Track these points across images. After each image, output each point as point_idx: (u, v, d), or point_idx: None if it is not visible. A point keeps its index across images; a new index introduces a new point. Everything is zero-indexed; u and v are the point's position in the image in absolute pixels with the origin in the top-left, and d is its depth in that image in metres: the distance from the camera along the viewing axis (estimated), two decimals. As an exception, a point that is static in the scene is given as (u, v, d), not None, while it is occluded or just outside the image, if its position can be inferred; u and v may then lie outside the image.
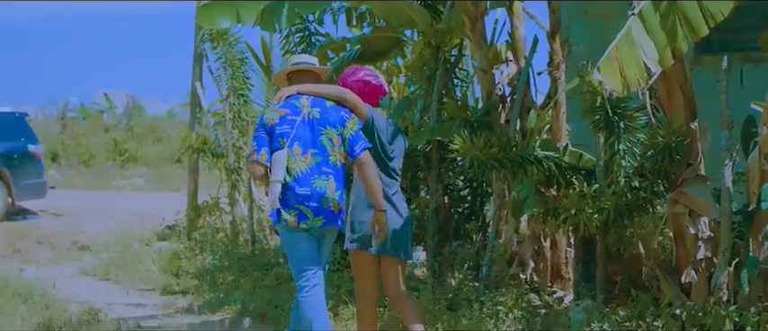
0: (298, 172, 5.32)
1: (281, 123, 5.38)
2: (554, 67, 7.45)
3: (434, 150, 7.73)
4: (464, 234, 8.08)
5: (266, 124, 5.41)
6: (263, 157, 5.37)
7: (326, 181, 5.36)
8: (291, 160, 5.33)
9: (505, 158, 6.25)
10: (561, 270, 7.57)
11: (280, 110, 5.43)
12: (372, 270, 5.59)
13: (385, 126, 5.60)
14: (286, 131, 5.36)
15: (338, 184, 5.42)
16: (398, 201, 5.62)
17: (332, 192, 5.36)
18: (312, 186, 5.31)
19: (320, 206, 5.32)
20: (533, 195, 6.57)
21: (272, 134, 5.38)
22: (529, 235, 7.52)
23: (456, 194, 8.25)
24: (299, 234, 5.37)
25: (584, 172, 6.60)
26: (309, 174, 5.34)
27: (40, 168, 15.85)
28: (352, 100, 5.45)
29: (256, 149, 5.39)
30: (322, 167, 5.37)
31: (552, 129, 7.49)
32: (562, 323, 5.91)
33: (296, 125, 5.37)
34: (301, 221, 5.30)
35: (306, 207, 5.30)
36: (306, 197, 5.30)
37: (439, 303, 6.52)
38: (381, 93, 5.76)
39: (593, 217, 6.11)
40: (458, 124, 7.07)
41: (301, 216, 5.30)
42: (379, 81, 5.73)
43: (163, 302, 8.22)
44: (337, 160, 5.43)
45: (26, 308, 7.22)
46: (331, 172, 5.39)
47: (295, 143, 5.35)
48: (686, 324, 5.62)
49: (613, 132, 6.12)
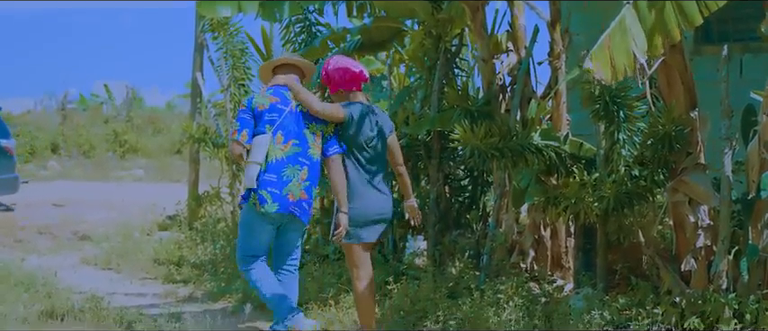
0: (273, 159, 5.64)
1: (270, 110, 5.69)
2: (554, 56, 7.47)
3: (435, 140, 7.76)
4: (464, 223, 8.11)
5: (255, 108, 5.70)
6: (244, 138, 5.65)
7: (299, 171, 5.68)
8: (271, 147, 5.63)
9: (506, 147, 6.28)
10: (561, 259, 7.60)
11: (270, 97, 5.73)
12: (368, 256, 5.89)
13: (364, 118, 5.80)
14: (273, 119, 5.67)
15: (309, 176, 5.73)
16: (382, 187, 5.90)
17: (299, 181, 5.67)
18: (280, 174, 5.63)
19: (280, 193, 5.62)
20: (534, 184, 6.60)
21: (259, 119, 5.68)
22: (529, 224, 7.55)
23: (456, 184, 8.28)
24: (259, 219, 5.71)
25: (585, 161, 6.64)
26: (283, 163, 5.65)
27: (11, 163, 15.39)
28: (321, 111, 5.73)
29: (238, 130, 5.67)
30: (299, 158, 5.70)
31: (552, 118, 7.52)
32: (562, 311, 5.94)
33: (283, 114, 5.68)
34: (261, 205, 5.61)
35: (266, 192, 5.61)
36: (270, 183, 5.62)
37: (439, 291, 6.55)
38: (362, 80, 5.92)
39: (594, 205, 6.15)
40: (458, 114, 7.10)
41: (261, 200, 5.61)
42: (358, 69, 5.89)
43: (164, 291, 8.25)
44: (315, 154, 5.75)
45: (28, 297, 7.25)
46: (307, 163, 5.72)
47: (279, 131, 5.67)
48: (686, 311, 5.66)
49: (613, 121, 6.15)
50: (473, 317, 5.98)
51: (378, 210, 5.86)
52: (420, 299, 6.54)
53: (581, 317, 5.73)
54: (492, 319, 5.87)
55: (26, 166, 24.25)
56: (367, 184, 5.82)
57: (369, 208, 5.81)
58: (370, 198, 5.81)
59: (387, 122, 6.03)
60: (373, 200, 5.83)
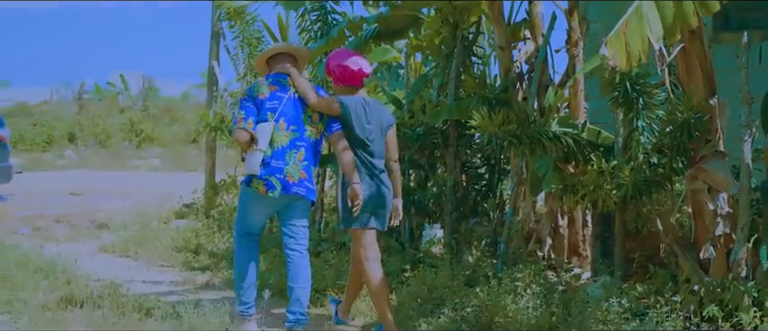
0: (278, 146, 5.84)
1: (270, 98, 5.88)
2: (572, 44, 7.45)
3: (452, 128, 7.76)
4: (481, 211, 8.11)
5: (256, 97, 5.90)
6: (250, 126, 5.83)
7: (296, 153, 5.88)
8: (275, 134, 5.83)
9: (524, 134, 6.27)
10: (578, 247, 7.60)
11: (270, 85, 5.93)
12: (375, 241, 6.04)
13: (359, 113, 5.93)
14: (275, 107, 5.86)
15: (306, 156, 5.92)
16: (384, 179, 6.02)
17: (296, 163, 5.87)
18: (285, 159, 5.83)
19: (282, 177, 5.82)
20: (552, 172, 6.60)
21: (260, 107, 5.87)
22: (546, 212, 7.55)
23: (473, 172, 8.27)
24: (261, 203, 5.92)
25: (603, 149, 6.62)
26: (286, 148, 5.85)
27: (5, 152, 15.19)
28: (315, 104, 5.90)
29: (244, 118, 5.85)
30: (296, 141, 5.89)
31: (570, 106, 7.51)
32: (580, 299, 5.92)
33: (283, 102, 5.89)
34: (269, 191, 5.81)
35: (275, 178, 5.81)
36: (278, 169, 5.81)
37: (456, 279, 6.55)
38: (361, 77, 6.05)
39: (612, 193, 6.13)
40: (476, 101, 7.09)
41: (269, 186, 5.81)
42: (357, 66, 6.01)
43: (182, 279, 8.28)
44: (312, 134, 5.96)
45: (48, 284, 7.28)
46: (303, 145, 5.91)
47: (281, 118, 5.87)
48: (704, 299, 5.64)
49: (632, 109, 6.14)
50: (490, 304, 5.97)
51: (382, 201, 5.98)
52: (437, 287, 6.54)
53: (599, 305, 5.71)
54: (509, 307, 5.86)
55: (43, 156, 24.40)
56: (371, 177, 5.94)
57: (374, 197, 5.93)
58: (374, 188, 5.93)
59: (387, 117, 6.15)
60: (377, 190, 5.94)
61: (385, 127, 6.08)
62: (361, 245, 5.98)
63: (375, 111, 6.06)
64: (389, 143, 6.13)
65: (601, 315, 5.61)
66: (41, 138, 25.73)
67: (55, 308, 6.45)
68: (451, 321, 6.00)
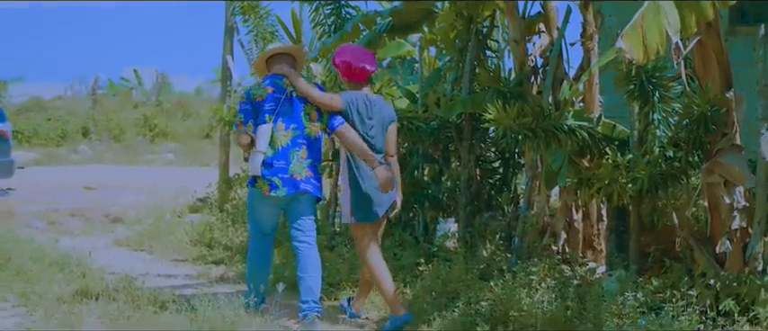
0: (279, 146, 6.02)
1: (268, 100, 6.04)
2: (587, 37, 7.42)
3: (466, 122, 7.74)
4: (496, 205, 8.09)
5: (254, 100, 6.07)
6: (250, 128, 6.02)
7: (298, 151, 6.05)
8: (275, 135, 6.01)
9: (539, 128, 6.25)
10: (593, 241, 7.57)
11: (266, 87, 6.09)
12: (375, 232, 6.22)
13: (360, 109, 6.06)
14: (272, 108, 6.03)
15: (309, 154, 6.10)
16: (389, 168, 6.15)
17: (301, 160, 6.04)
18: (287, 159, 6.01)
19: (285, 176, 6.00)
20: (567, 165, 6.57)
21: (259, 109, 6.04)
22: (561, 206, 7.52)
23: (487, 166, 8.25)
24: (267, 202, 6.12)
25: (618, 142, 6.59)
26: (288, 148, 6.03)
27: (6, 147, 15.19)
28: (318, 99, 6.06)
29: (244, 121, 6.06)
30: (298, 140, 6.06)
31: (585, 100, 7.48)
32: (595, 293, 5.89)
33: (281, 102, 6.05)
34: (272, 190, 6.02)
35: (278, 178, 6.00)
36: (280, 169, 6.00)
37: (471, 273, 6.54)
38: (366, 73, 6.17)
39: (627, 187, 6.10)
40: (491, 95, 7.06)
41: (273, 186, 6.01)
42: (360, 63, 6.12)
43: (197, 272, 8.31)
44: (312, 132, 6.12)
45: (63, 277, 7.32)
46: (305, 143, 6.09)
47: (279, 120, 6.04)
48: (720, 294, 5.60)
49: (648, 102, 6.10)
50: (505, 298, 5.95)
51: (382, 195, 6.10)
52: (451, 281, 6.53)
53: (614, 299, 5.68)
54: (524, 301, 5.84)
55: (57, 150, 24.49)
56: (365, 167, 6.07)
57: (374, 192, 6.08)
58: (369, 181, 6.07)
59: (389, 113, 6.27)
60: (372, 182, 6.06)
61: (386, 123, 6.19)
62: (362, 238, 6.16)
63: (378, 107, 6.17)
64: (389, 138, 6.23)
65: (616, 309, 5.58)
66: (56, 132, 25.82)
67: (70, 301, 6.47)
68: (466, 315, 5.99)
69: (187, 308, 5.96)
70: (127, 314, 5.96)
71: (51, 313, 6.12)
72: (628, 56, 5.02)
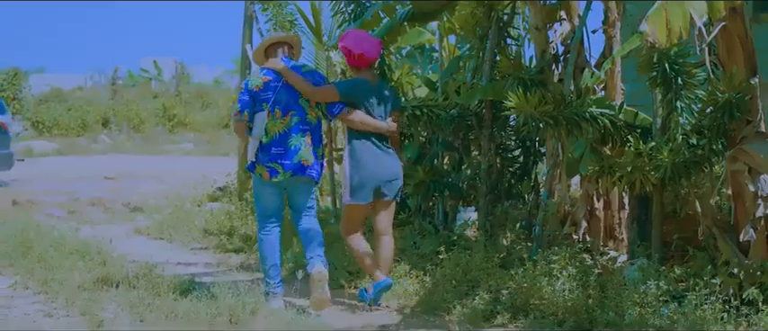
0: (276, 133, 6.22)
1: (264, 89, 6.27)
2: (608, 25, 7.36)
3: (487, 110, 7.68)
4: (516, 194, 8.04)
5: (251, 89, 6.30)
6: (246, 117, 6.28)
7: (303, 137, 6.26)
8: (271, 123, 6.22)
9: (560, 115, 6.20)
10: (614, 230, 7.51)
11: (263, 77, 6.32)
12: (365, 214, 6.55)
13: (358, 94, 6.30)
14: (268, 97, 6.25)
15: (314, 139, 6.33)
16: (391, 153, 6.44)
17: (307, 146, 6.26)
18: (287, 145, 6.22)
19: (291, 162, 6.22)
20: (589, 153, 6.51)
21: (256, 98, 6.27)
22: (582, 194, 7.47)
23: (508, 154, 8.20)
24: (269, 187, 6.32)
25: (640, 130, 6.52)
26: (286, 135, 6.24)
27: (6, 139, 15.13)
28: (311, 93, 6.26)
29: (241, 110, 6.30)
30: (300, 126, 6.27)
31: (607, 88, 7.41)
32: (617, 282, 5.85)
33: (277, 91, 6.25)
34: (273, 176, 6.24)
35: (278, 164, 6.22)
36: (279, 155, 6.22)
37: (491, 261, 6.50)
38: (368, 60, 6.38)
39: (650, 175, 6.05)
40: (511, 82, 7.00)
41: (273, 171, 6.23)
42: (361, 50, 6.31)
43: (216, 260, 8.32)
44: (314, 118, 6.36)
45: (83, 265, 7.34)
46: (308, 129, 6.30)
47: (276, 107, 6.24)
48: (744, 282, 5.57)
49: (671, 89, 6.03)
50: (526, 287, 5.92)
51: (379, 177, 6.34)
52: (472, 269, 6.50)
53: (636, 288, 5.63)
54: (545, 289, 5.80)
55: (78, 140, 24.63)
56: (369, 154, 6.32)
57: (367, 174, 6.31)
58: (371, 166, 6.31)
59: (392, 98, 6.54)
60: (374, 167, 6.32)
61: (390, 107, 6.44)
62: (350, 218, 6.46)
63: (379, 91, 6.40)
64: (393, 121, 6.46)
65: (638, 298, 5.54)
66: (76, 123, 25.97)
67: (91, 289, 6.49)
68: (486, 303, 5.96)
69: (207, 295, 5.97)
70: (147, 301, 5.96)
71: (72, 300, 6.13)
72: (650, 39, 4.96)
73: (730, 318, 5.29)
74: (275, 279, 6.30)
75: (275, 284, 6.29)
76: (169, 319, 5.64)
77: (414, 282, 6.69)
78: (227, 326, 5.50)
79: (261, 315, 5.73)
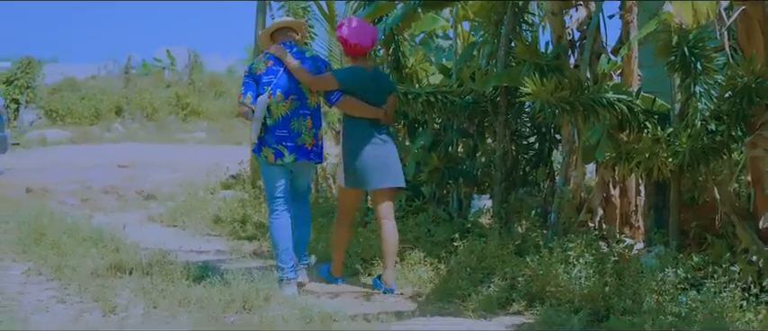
0: (278, 116, 6.36)
1: (266, 73, 6.41)
2: (625, 10, 7.27)
3: (502, 96, 7.61)
4: (531, 181, 7.97)
5: (254, 73, 6.44)
6: (249, 100, 6.38)
7: (304, 121, 6.42)
8: (273, 105, 6.35)
9: (577, 101, 6.11)
10: (630, 218, 7.44)
11: (266, 61, 6.45)
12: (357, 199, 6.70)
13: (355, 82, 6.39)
14: (270, 80, 6.38)
15: (314, 123, 6.49)
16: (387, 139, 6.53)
17: (307, 130, 6.42)
18: (289, 128, 6.36)
19: (295, 145, 6.37)
20: (605, 139, 6.43)
21: (258, 81, 6.40)
22: (598, 181, 7.40)
23: (523, 141, 8.13)
24: (275, 168, 6.42)
25: (658, 116, 6.44)
26: (288, 118, 6.37)
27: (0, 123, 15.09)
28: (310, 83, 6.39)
29: (243, 93, 6.43)
30: (300, 110, 6.42)
31: (623, 73, 7.33)
32: (634, 269, 5.77)
33: (279, 75, 6.39)
34: (278, 158, 6.37)
35: (282, 146, 6.35)
36: (283, 137, 6.35)
37: (507, 248, 6.44)
38: (363, 49, 6.46)
39: (668, 161, 5.96)
40: (527, 68, 6.92)
41: (278, 154, 6.36)
42: (357, 40, 6.41)
43: (230, 248, 8.29)
44: (314, 102, 6.50)
45: (97, 251, 7.32)
46: (309, 113, 6.46)
47: (278, 91, 6.37)
48: (763, 270, 5.48)
49: (690, 73, 5.92)
50: (542, 274, 5.86)
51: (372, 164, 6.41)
52: (486, 257, 6.44)
53: (653, 276, 5.56)
54: (561, 276, 5.74)
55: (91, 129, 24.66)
56: (361, 138, 6.41)
57: (361, 160, 6.39)
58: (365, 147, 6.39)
59: (388, 84, 6.69)
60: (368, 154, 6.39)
61: (386, 92, 6.55)
62: (343, 202, 6.59)
63: (374, 78, 6.50)
64: (389, 105, 6.57)
65: (655, 285, 5.47)
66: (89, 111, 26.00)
67: (104, 275, 6.47)
68: (501, 290, 5.90)
69: (221, 282, 5.94)
70: (160, 287, 5.93)
71: (85, 286, 6.11)
72: (676, 19, 4.87)
73: (750, 306, 5.21)
74: (288, 263, 6.32)
75: (288, 270, 6.29)
76: (182, 306, 5.61)
77: (428, 270, 6.64)
78: (240, 313, 5.47)
79: (274, 301, 5.69)
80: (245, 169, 12.14)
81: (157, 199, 11.93)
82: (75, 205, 11.48)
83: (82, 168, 15.93)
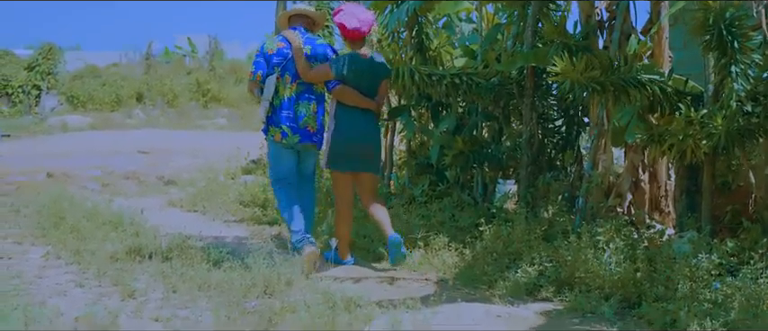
0: (285, 97, 6.56)
1: (277, 54, 6.61)
2: (656, -12, 7.04)
3: (529, 78, 7.42)
4: (558, 165, 7.78)
5: (266, 53, 6.64)
6: (259, 79, 6.59)
7: (308, 105, 6.62)
8: (282, 87, 6.55)
9: (608, 81, 5.93)
10: (660, 203, 7.25)
11: (278, 42, 6.65)
12: (349, 182, 6.71)
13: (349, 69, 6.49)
14: (280, 62, 6.57)
15: (319, 109, 6.69)
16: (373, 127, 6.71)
17: (312, 114, 6.63)
18: (294, 110, 6.56)
19: (298, 127, 6.57)
20: (636, 121, 6.23)
21: (269, 61, 6.60)
22: (627, 165, 7.20)
23: (550, 124, 7.94)
24: (283, 150, 6.67)
25: (691, 98, 6.24)
26: (294, 100, 6.57)
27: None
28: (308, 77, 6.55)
29: (254, 72, 6.63)
30: (306, 94, 6.62)
31: (653, 55, 7.12)
32: (666, 255, 5.59)
33: (288, 58, 6.57)
34: (283, 137, 6.59)
35: (287, 127, 6.56)
36: (289, 118, 6.56)
37: (533, 234, 6.28)
38: (360, 35, 6.57)
39: (702, 143, 5.77)
40: (555, 48, 6.73)
41: (283, 133, 6.58)
42: (353, 26, 6.50)
43: (250, 232, 8.18)
44: (318, 89, 6.68)
45: (116, 235, 7.23)
46: (314, 98, 6.67)
47: (286, 73, 6.56)
48: (801, 256, 5.29)
49: (726, 53, 5.72)
50: (571, 259, 5.69)
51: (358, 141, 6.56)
52: (513, 242, 6.29)
53: (687, 261, 5.38)
54: (591, 262, 5.57)
55: (112, 115, 24.65)
56: (350, 119, 6.53)
57: (350, 140, 6.52)
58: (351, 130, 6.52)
59: (382, 70, 6.72)
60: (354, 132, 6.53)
61: (379, 78, 6.65)
62: (336, 183, 6.71)
63: (370, 65, 6.59)
64: (380, 89, 6.69)
65: (689, 271, 5.28)
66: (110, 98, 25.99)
67: (123, 259, 6.37)
68: (529, 276, 5.75)
69: (241, 266, 5.82)
70: (180, 271, 5.82)
71: (104, 270, 6.00)
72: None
73: (787, 293, 5.02)
74: (301, 227, 6.51)
75: (302, 231, 6.49)
76: (202, 290, 5.49)
77: (453, 255, 6.49)
78: (261, 297, 5.34)
79: (296, 286, 5.56)
80: (265, 154, 12.01)
81: (178, 184, 11.86)
82: (95, 190, 11.42)
83: (103, 154, 15.88)
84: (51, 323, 4.63)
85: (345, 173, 6.64)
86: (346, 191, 6.70)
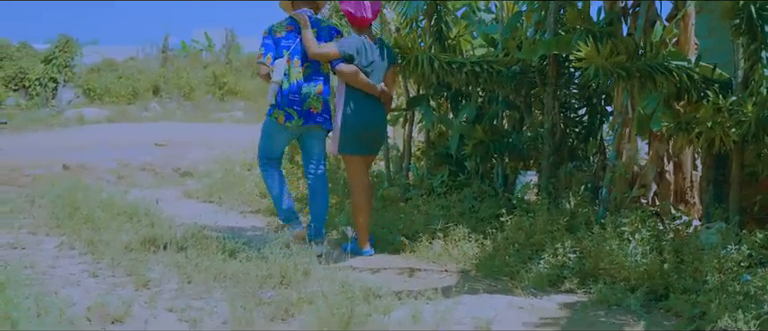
0: (294, 80, 6.57)
1: (286, 37, 6.65)
2: (682, -26, 6.87)
3: (551, 66, 7.26)
4: (580, 155, 7.62)
5: (274, 35, 6.67)
6: (269, 61, 6.59)
7: (315, 86, 6.64)
8: (291, 70, 6.56)
9: (633, 67, 5.76)
10: (685, 194, 7.08)
11: (287, 25, 6.70)
12: (364, 166, 6.73)
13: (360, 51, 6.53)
14: (289, 45, 6.61)
15: (325, 89, 6.70)
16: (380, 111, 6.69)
17: (317, 95, 6.64)
18: (301, 92, 6.58)
19: (302, 109, 6.58)
20: (662, 108, 6.06)
21: (277, 44, 6.62)
22: (651, 155, 7.03)
23: (572, 113, 7.77)
24: (281, 131, 6.70)
25: (718, 85, 6.06)
26: (302, 83, 6.59)
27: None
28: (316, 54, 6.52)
29: (263, 53, 6.64)
30: (313, 76, 6.65)
31: (679, 42, 6.95)
32: (693, 246, 5.43)
33: (297, 41, 6.61)
34: (287, 120, 6.61)
35: (293, 109, 6.58)
36: (294, 101, 6.57)
37: (556, 224, 6.12)
38: (366, 21, 6.64)
39: (731, 131, 5.59)
40: (579, 34, 6.57)
41: (288, 116, 6.60)
42: (360, 13, 6.59)
43: (267, 223, 8.07)
44: (326, 70, 6.71)
45: (131, 226, 7.12)
46: (321, 79, 6.69)
47: (295, 56, 6.59)
48: (834, 247, 5.12)
49: (756, 37, 5.54)
50: (594, 251, 5.54)
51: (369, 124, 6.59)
52: (535, 233, 6.14)
53: (715, 253, 5.21)
54: (616, 253, 5.41)
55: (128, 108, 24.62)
56: (359, 102, 6.53)
57: (360, 123, 6.54)
58: (362, 114, 6.53)
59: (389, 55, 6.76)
60: (364, 115, 6.54)
61: (387, 64, 6.70)
62: (350, 167, 6.70)
63: (374, 50, 6.62)
64: (388, 77, 6.73)
65: (718, 263, 5.12)
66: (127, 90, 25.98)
67: (138, 249, 6.26)
68: (552, 267, 5.60)
69: (257, 256, 5.70)
70: (195, 262, 5.70)
71: (118, 260, 5.89)
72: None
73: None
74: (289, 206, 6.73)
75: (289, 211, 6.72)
76: (217, 281, 5.37)
77: (473, 246, 6.35)
78: (277, 288, 5.22)
79: (313, 277, 5.44)
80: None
81: (194, 176, 11.77)
82: (111, 182, 11.34)
83: (119, 146, 15.83)
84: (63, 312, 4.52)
85: (358, 156, 6.64)
86: (362, 176, 6.68)
